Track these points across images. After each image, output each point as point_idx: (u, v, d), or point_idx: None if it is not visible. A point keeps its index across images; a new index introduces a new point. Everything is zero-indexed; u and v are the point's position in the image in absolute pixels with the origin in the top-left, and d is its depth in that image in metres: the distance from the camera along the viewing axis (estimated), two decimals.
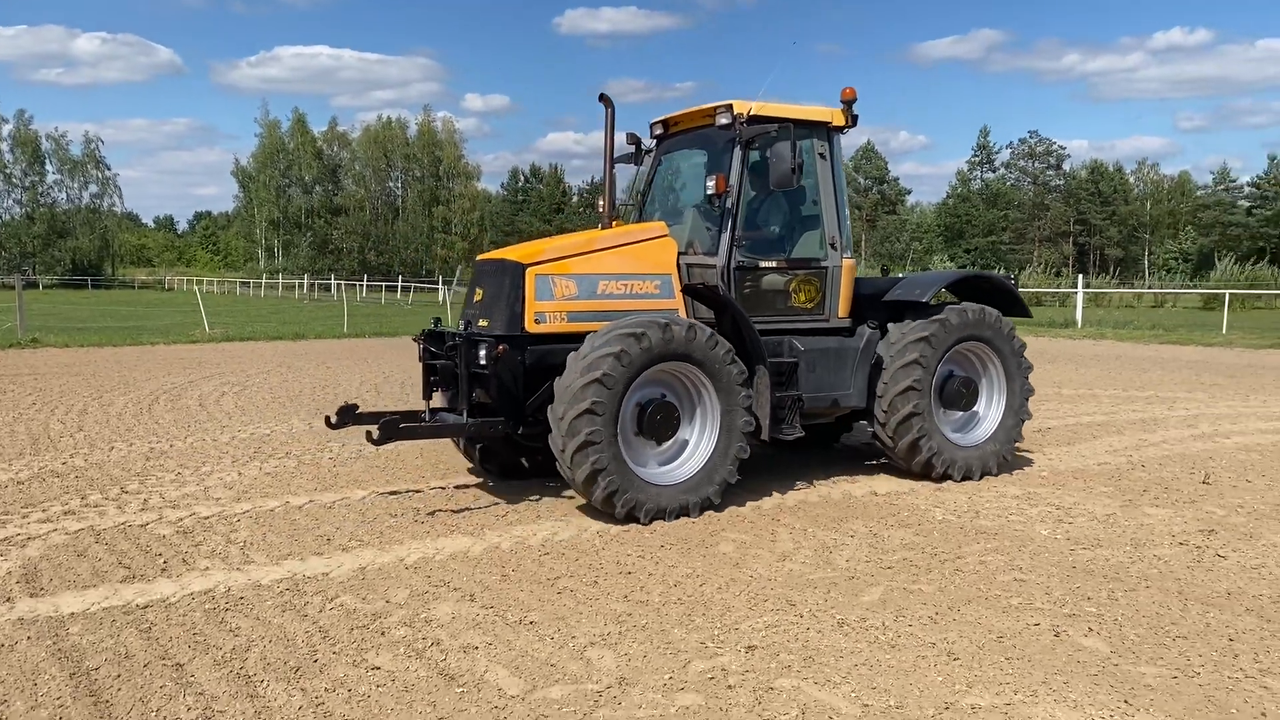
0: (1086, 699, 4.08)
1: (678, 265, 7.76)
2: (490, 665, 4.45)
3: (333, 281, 69.85)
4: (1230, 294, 35.43)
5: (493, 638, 4.79)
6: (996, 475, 8.62)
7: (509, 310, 7.29)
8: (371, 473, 8.77)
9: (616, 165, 8.67)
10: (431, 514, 7.23)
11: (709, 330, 7.15)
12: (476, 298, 7.73)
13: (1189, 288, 54.84)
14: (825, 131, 8.23)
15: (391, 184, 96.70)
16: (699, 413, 7.36)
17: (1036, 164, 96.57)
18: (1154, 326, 30.34)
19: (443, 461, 9.29)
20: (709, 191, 7.76)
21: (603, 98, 7.96)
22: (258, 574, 5.80)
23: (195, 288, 64.26)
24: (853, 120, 8.30)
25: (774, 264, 8.06)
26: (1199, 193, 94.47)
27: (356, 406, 7.52)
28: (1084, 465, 9.13)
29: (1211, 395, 14.33)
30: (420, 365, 8.03)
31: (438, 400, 8.08)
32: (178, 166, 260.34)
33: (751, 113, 7.79)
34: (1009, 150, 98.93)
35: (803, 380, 7.89)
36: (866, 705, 4.03)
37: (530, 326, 7.27)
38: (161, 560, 6.07)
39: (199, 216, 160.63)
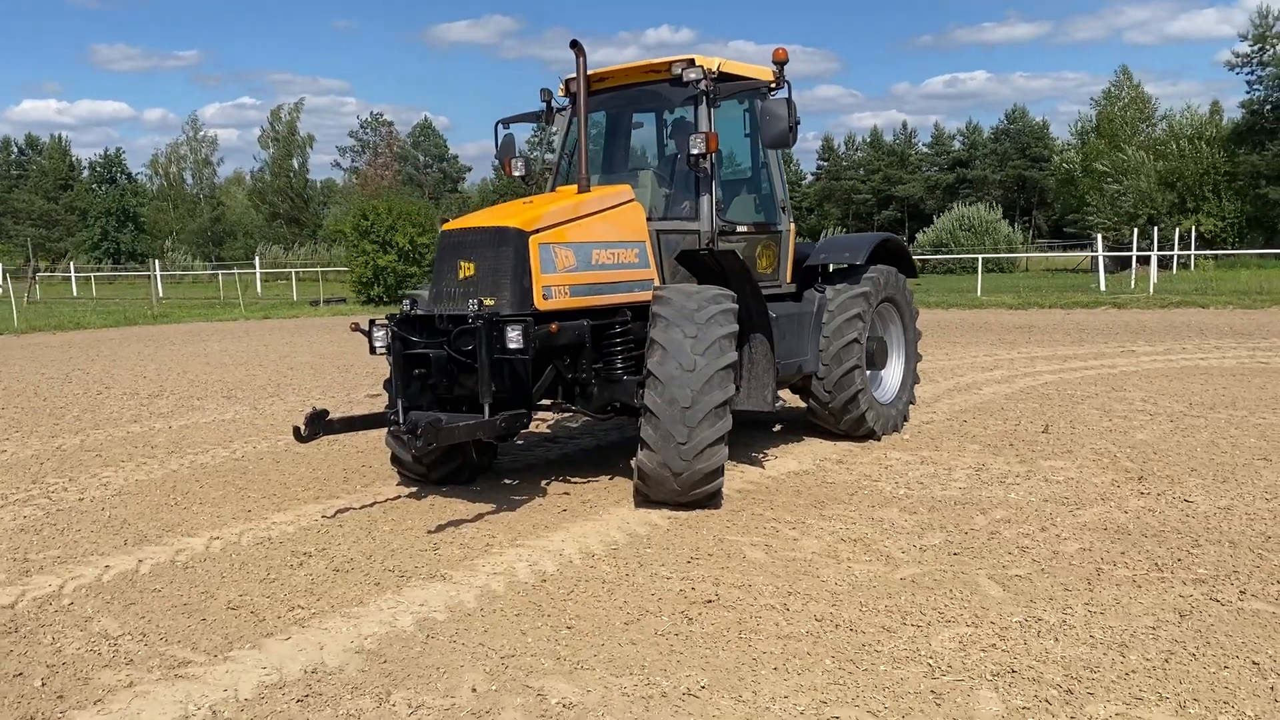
0: None
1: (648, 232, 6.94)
2: None
3: None
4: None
5: None
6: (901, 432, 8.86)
7: (516, 285, 6.03)
8: (164, 510, 6.65)
9: (514, 125, 7.95)
10: (341, 557, 5.52)
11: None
12: (463, 273, 6.29)
13: None
14: (766, 92, 7.69)
15: None
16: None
17: None
18: None
19: (233, 483, 7.30)
20: (694, 152, 6.95)
21: (574, 44, 6.84)
22: (219, 678, 3.97)
23: None
24: (782, 83, 7.84)
25: (747, 229, 7.62)
26: None
27: (326, 412, 5.92)
28: (911, 423, 9.22)
29: None
30: (391, 358, 6.31)
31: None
32: None
33: (720, 69, 7.11)
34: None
35: (777, 347, 7.31)
36: None
37: (539, 303, 6.08)
38: (44, 687, 3.95)
39: None
